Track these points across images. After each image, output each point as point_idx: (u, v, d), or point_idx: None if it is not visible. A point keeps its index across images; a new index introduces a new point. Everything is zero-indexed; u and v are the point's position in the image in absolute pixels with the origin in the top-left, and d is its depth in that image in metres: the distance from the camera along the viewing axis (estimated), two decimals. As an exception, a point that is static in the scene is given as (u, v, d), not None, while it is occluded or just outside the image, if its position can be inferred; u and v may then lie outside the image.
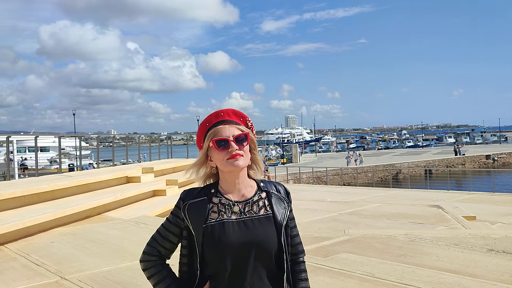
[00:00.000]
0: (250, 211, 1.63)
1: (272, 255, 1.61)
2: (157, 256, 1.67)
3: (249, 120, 1.72)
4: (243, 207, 1.64)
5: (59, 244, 6.19)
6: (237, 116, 1.70)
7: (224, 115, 1.68)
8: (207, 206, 1.62)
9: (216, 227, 1.58)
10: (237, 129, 1.64)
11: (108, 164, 21.55)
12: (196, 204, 1.63)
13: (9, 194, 7.03)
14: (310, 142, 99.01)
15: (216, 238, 1.57)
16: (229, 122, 1.65)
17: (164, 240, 1.67)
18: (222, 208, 1.62)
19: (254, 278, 1.58)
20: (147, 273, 1.66)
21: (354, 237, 6.97)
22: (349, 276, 4.54)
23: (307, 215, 9.67)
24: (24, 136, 32.42)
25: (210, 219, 1.60)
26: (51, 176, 11.55)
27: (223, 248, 1.56)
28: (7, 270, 4.96)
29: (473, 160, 41.59)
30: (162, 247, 1.67)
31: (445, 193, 14.74)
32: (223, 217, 1.60)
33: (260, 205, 1.65)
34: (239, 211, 1.63)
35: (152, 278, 1.65)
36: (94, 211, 8.07)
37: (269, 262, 1.61)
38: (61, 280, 4.51)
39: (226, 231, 1.58)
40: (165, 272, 1.65)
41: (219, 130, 1.63)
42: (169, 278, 1.64)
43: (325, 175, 27.99)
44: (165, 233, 1.68)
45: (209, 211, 1.61)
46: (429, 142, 78.69)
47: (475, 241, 6.51)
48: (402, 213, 9.74)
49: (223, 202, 1.64)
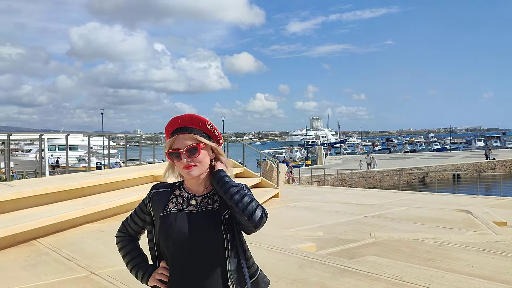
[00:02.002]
0: (205, 203, 1.73)
1: (219, 245, 1.67)
2: (125, 233, 1.88)
3: (209, 123, 1.75)
4: (201, 200, 1.74)
5: (88, 240, 6.35)
6: (194, 122, 1.73)
7: (182, 122, 1.73)
8: (168, 196, 1.76)
9: (170, 216, 1.71)
10: (190, 139, 1.69)
11: (134, 163, 21.91)
12: (159, 193, 1.78)
13: (42, 190, 7.23)
14: (335, 144, 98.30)
15: (167, 227, 1.68)
16: (184, 131, 1.70)
17: (131, 221, 1.87)
18: (180, 200, 1.75)
19: (204, 266, 1.66)
20: (118, 246, 1.88)
21: (380, 240, 6.89)
22: (376, 279, 4.49)
23: (332, 217, 9.60)
24: (54, 134, 33.34)
25: (167, 208, 1.73)
26: (80, 174, 11.85)
27: (172, 237, 1.67)
28: (40, 264, 5.12)
29: (504, 165, 40.38)
30: (129, 227, 1.87)
31: (474, 198, 14.35)
32: (178, 208, 1.73)
33: (215, 199, 1.75)
34: (196, 204, 1.73)
35: (121, 251, 1.86)
36: (122, 209, 8.22)
37: (217, 252, 1.67)
38: (91, 275, 4.63)
39: (178, 221, 1.69)
40: (132, 246, 1.85)
41: (173, 142, 1.70)
42: (135, 251, 1.84)
43: (350, 178, 27.70)
44: (133, 215, 1.87)
45: (169, 202, 1.75)
46: (457, 145, 76.73)
47: (506, 247, 6.35)
48: (429, 217, 9.56)
49: (183, 195, 1.76)
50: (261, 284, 1.80)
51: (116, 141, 46.69)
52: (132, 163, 21.82)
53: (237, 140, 32.52)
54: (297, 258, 5.29)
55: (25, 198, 6.92)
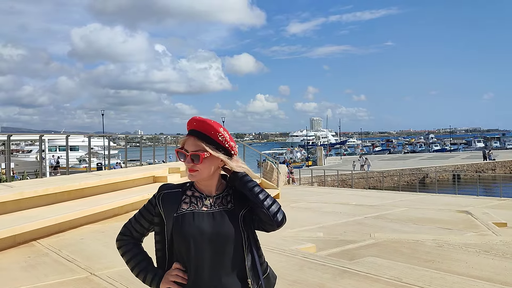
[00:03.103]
0: (220, 204, 1.74)
1: (235, 246, 1.69)
2: (129, 236, 1.82)
3: (221, 134, 1.70)
4: (214, 201, 1.75)
5: (88, 240, 6.35)
6: (206, 129, 1.70)
7: (196, 125, 1.72)
8: (180, 197, 1.75)
9: (186, 216, 1.70)
10: (197, 145, 1.69)
11: (135, 164, 21.93)
12: (170, 194, 1.76)
13: (42, 191, 7.23)
14: (335, 145, 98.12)
15: (185, 227, 1.67)
16: (195, 135, 1.70)
17: (136, 223, 1.81)
18: (194, 200, 1.74)
19: (219, 267, 1.67)
20: (120, 251, 1.81)
21: (380, 241, 6.89)
22: (376, 280, 4.49)
23: (332, 218, 9.61)
24: (55, 135, 33.35)
25: (181, 209, 1.72)
26: (81, 175, 11.85)
27: (190, 237, 1.66)
28: (40, 265, 5.12)
29: (504, 166, 40.40)
30: (133, 229, 1.81)
31: (474, 199, 14.34)
32: (194, 208, 1.72)
33: (228, 199, 1.76)
34: (210, 205, 1.74)
35: (124, 256, 1.80)
36: (122, 210, 8.23)
37: (234, 253, 1.69)
38: (91, 276, 4.63)
39: (196, 221, 1.69)
40: (136, 250, 1.80)
41: (185, 142, 1.72)
42: (140, 255, 1.78)
43: (350, 178, 27.71)
44: (139, 217, 1.81)
45: (181, 202, 1.74)
46: (457, 146, 76.70)
47: (506, 248, 6.35)
48: (429, 218, 9.56)
49: (196, 195, 1.76)
50: (271, 279, 1.86)
51: (117, 141, 46.70)
52: (132, 164, 21.84)
53: (237, 141, 32.53)
54: (297, 259, 5.29)
55: (26, 199, 6.92)
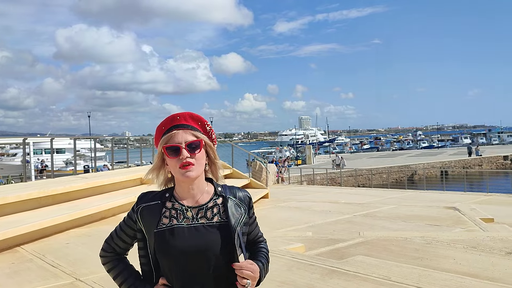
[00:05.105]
0: (203, 217, 1.60)
1: (222, 261, 1.56)
2: (112, 252, 1.71)
3: (208, 124, 1.68)
4: (197, 212, 1.61)
5: (74, 245, 6.24)
6: (195, 120, 1.65)
7: (181, 119, 1.64)
8: (160, 210, 1.61)
9: (166, 233, 1.57)
10: (191, 135, 1.60)
11: (122, 165, 21.73)
12: (149, 207, 1.63)
13: (26, 196, 7.10)
14: (324, 143, 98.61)
15: (166, 244, 1.56)
16: (184, 127, 1.61)
17: (118, 239, 1.71)
18: (174, 213, 1.60)
19: (206, 284, 1.56)
20: (106, 267, 1.72)
21: (369, 239, 6.90)
22: (365, 279, 4.47)
23: (321, 217, 9.60)
24: (40, 138, 32.89)
25: (161, 224, 1.59)
26: (66, 178, 11.68)
27: (173, 254, 1.55)
28: (23, 271, 5.01)
29: (490, 161, 40.94)
30: (116, 245, 1.71)
31: (461, 195, 14.49)
32: (173, 223, 1.59)
33: (214, 211, 1.62)
34: (192, 217, 1.60)
35: (110, 272, 1.70)
36: (109, 213, 8.12)
37: (220, 269, 1.56)
38: (76, 282, 4.54)
39: (176, 237, 1.56)
40: (122, 265, 1.69)
41: (172, 136, 1.59)
42: (126, 271, 1.68)
43: (339, 177, 27.79)
44: (120, 233, 1.71)
45: (161, 216, 1.60)
46: (445, 143, 77.59)
47: (493, 243, 6.39)
48: (418, 215, 9.61)
49: (176, 207, 1.62)
50: None
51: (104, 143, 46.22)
52: (120, 166, 21.64)
53: (225, 140, 32.41)
54: (286, 259, 5.26)
55: (8, 204, 6.78)
